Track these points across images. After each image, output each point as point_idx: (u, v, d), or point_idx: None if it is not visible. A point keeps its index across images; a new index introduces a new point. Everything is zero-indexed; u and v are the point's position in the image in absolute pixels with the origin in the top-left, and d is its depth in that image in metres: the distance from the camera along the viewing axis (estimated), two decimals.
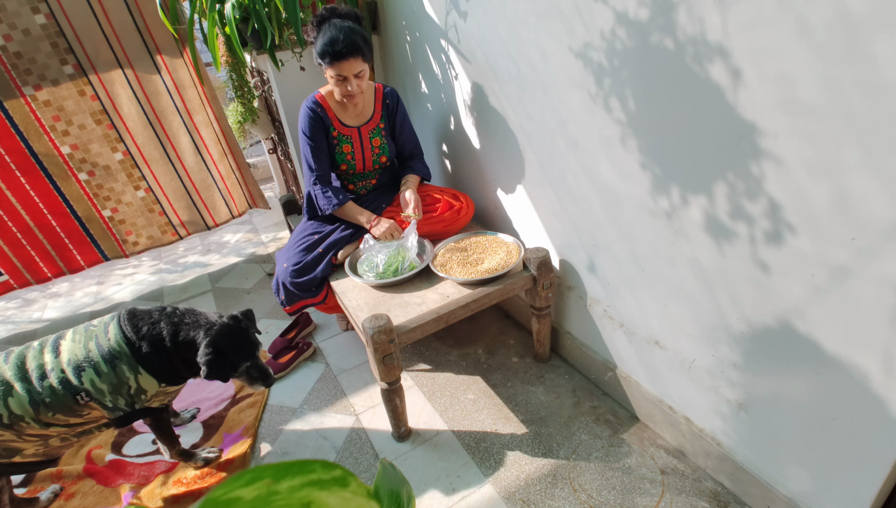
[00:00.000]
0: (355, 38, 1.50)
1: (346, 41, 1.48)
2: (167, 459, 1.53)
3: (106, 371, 1.23)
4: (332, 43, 1.49)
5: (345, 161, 1.77)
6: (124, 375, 1.25)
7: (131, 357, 1.26)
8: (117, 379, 1.25)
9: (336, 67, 1.52)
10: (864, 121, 0.77)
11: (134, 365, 1.26)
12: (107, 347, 1.25)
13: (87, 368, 1.23)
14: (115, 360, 1.24)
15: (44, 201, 2.27)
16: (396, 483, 0.43)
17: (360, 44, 1.51)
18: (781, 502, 1.14)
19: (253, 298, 2.50)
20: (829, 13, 0.76)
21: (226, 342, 1.30)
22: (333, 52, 1.49)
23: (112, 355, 1.25)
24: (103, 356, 1.24)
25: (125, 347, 1.26)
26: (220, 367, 1.29)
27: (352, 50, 1.49)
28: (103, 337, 1.27)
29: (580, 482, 1.36)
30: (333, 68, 1.53)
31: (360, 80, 1.58)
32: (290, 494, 0.32)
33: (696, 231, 1.12)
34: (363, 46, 1.52)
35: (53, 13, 2.02)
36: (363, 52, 1.53)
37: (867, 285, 0.84)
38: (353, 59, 1.52)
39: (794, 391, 1.05)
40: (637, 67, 1.10)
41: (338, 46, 1.48)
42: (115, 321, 1.30)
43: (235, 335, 1.33)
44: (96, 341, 1.26)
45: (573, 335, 1.72)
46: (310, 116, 1.69)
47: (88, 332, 1.29)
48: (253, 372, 1.37)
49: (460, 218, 1.76)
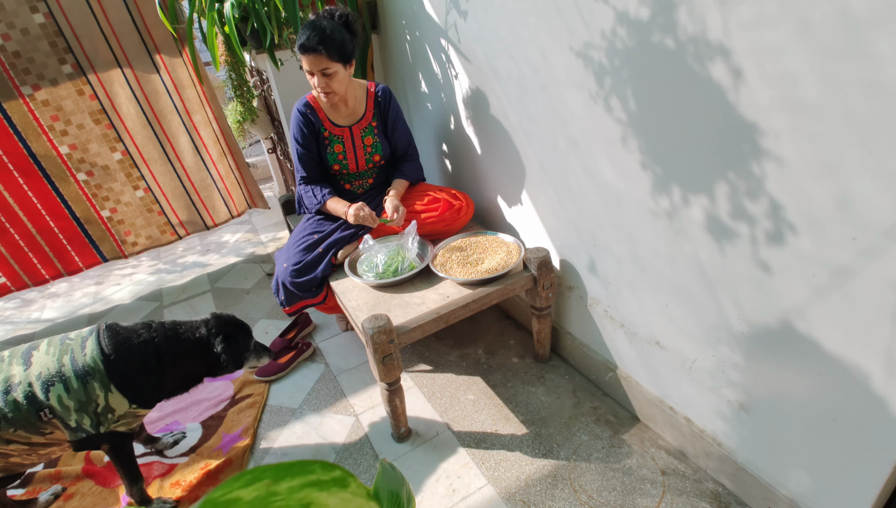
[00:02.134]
0: (324, 35, 1.49)
1: (313, 35, 1.49)
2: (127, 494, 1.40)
3: (76, 388, 1.19)
4: (302, 35, 1.51)
5: (337, 161, 1.77)
6: (94, 392, 1.20)
7: (105, 374, 1.21)
8: (86, 396, 1.20)
9: (304, 60, 1.54)
10: (865, 121, 0.76)
11: (106, 383, 1.21)
12: (81, 362, 1.21)
13: (57, 383, 1.18)
14: (87, 377, 1.20)
15: (42, 202, 2.26)
16: (396, 484, 0.43)
17: (328, 41, 1.49)
18: (782, 503, 1.14)
19: (252, 298, 2.49)
20: (830, 13, 0.75)
21: (232, 329, 1.39)
22: (300, 43, 1.51)
23: (85, 371, 1.20)
24: (76, 372, 1.19)
25: (100, 363, 1.21)
26: (236, 351, 1.38)
27: (314, 45, 1.49)
28: (79, 352, 1.22)
29: (580, 482, 1.35)
30: (303, 62, 1.55)
31: (329, 79, 1.56)
32: (289, 495, 0.31)
33: (697, 231, 1.11)
34: (329, 44, 1.50)
35: (52, 12, 2.01)
36: (328, 50, 1.50)
37: (868, 286, 0.84)
38: (316, 56, 1.51)
39: (795, 392, 1.04)
40: (638, 67, 1.10)
41: (303, 39, 1.50)
42: (94, 336, 1.26)
43: (233, 322, 1.42)
44: (71, 355, 1.22)
45: (573, 335, 1.72)
46: (300, 121, 1.71)
47: (64, 345, 1.24)
48: (258, 349, 1.49)
49: (460, 218, 1.76)
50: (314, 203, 1.78)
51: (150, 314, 2.50)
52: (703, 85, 0.98)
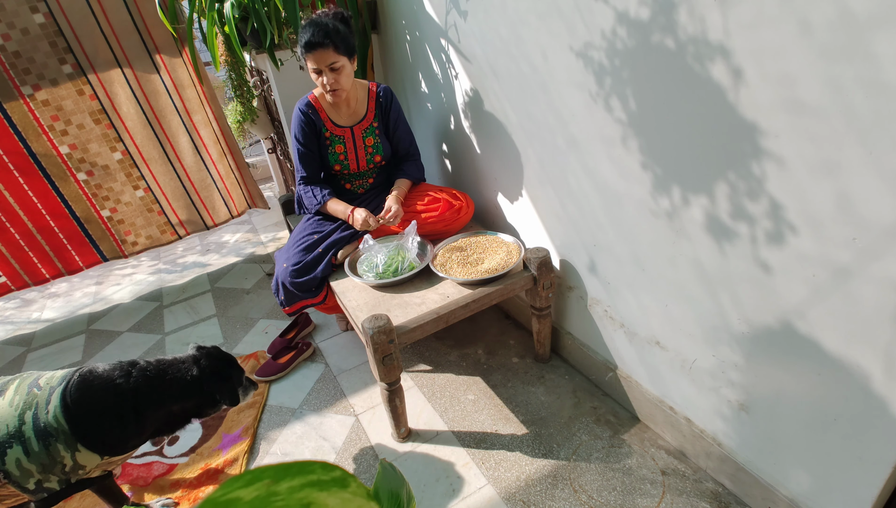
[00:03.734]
0: (328, 29, 1.51)
1: (316, 32, 1.50)
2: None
3: (37, 451, 1.06)
4: (305, 34, 1.51)
5: (338, 161, 1.78)
6: (58, 454, 1.08)
7: (70, 435, 1.08)
8: (49, 459, 1.07)
9: (310, 58, 1.54)
10: (865, 121, 0.76)
11: (72, 443, 1.09)
12: (43, 421, 1.07)
13: (15, 445, 1.05)
14: (48, 437, 1.07)
15: (42, 202, 2.26)
16: (396, 484, 0.43)
17: (332, 35, 1.52)
18: (782, 503, 1.14)
19: (252, 298, 2.49)
20: (830, 13, 0.75)
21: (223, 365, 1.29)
22: (306, 42, 1.52)
23: (47, 431, 1.07)
24: (37, 433, 1.06)
25: (63, 423, 1.08)
26: (233, 389, 1.30)
27: (321, 40, 1.50)
28: (43, 408, 1.09)
29: (580, 482, 1.35)
30: (309, 60, 1.55)
31: (337, 74, 1.57)
32: (289, 495, 0.31)
33: (697, 231, 1.11)
34: (335, 38, 1.52)
35: (52, 12, 2.01)
36: (335, 43, 1.52)
37: (869, 286, 0.84)
38: (324, 51, 1.52)
39: (795, 392, 1.04)
40: (638, 67, 1.10)
41: (309, 36, 1.50)
42: (60, 389, 1.12)
43: (223, 357, 1.32)
44: (34, 410, 1.08)
45: (574, 335, 1.72)
46: (302, 121, 1.71)
47: (30, 395, 1.11)
48: (247, 383, 1.38)
49: (460, 218, 1.76)
50: (314, 204, 1.78)
51: (150, 314, 2.50)
52: (703, 85, 0.98)
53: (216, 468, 1.54)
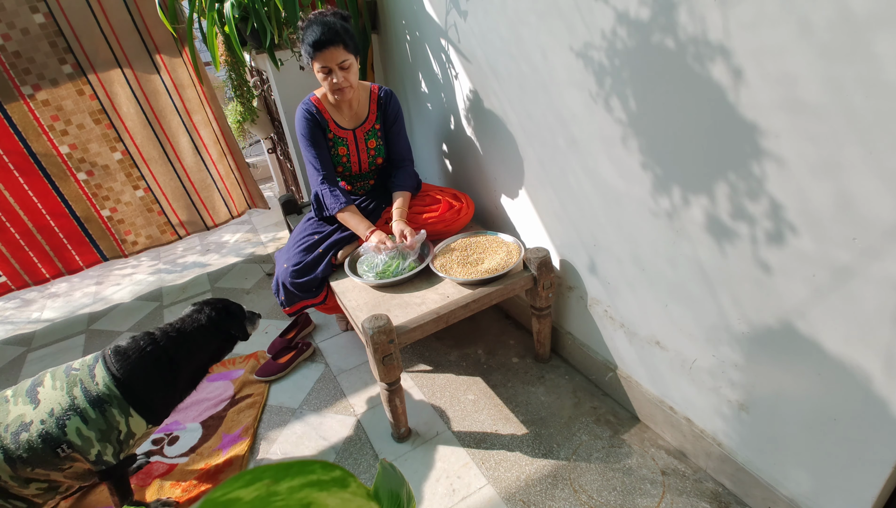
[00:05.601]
0: (336, 27, 1.50)
1: (325, 31, 1.49)
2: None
3: (94, 417, 1.17)
4: (312, 33, 1.50)
5: (340, 163, 1.77)
6: (114, 419, 1.19)
7: (122, 399, 1.20)
8: (107, 425, 1.18)
9: (319, 58, 1.53)
10: (865, 121, 0.76)
11: (125, 407, 1.21)
12: (95, 391, 1.19)
13: (73, 416, 1.15)
14: (104, 405, 1.18)
15: (42, 201, 2.26)
16: (396, 484, 0.43)
17: (341, 33, 1.51)
18: (782, 503, 1.14)
19: (252, 298, 2.49)
20: (830, 13, 0.75)
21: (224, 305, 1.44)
22: (314, 41, 1.50)
23: (101, 399, 1.18)
24: (91, 402, 1.17)
25: (115, 389, 1.20)
26: (241, 323, 1.46)
27: (332, 38, 1.49)
28: (89, 381, 1.20)
29: (581, 482, 1.35)
30: (317, 60, 1.54)
31: (346, 71, 1.57)
32: (289, 495, 0.31)
33: (697, 231, 1.11)
34: (344, 35, 1.52)
35: (52, 12, 2.01)
36: (344, 41, 1.52)
37: (869, 286, 0.84)
38: (334, 48, 1.51)
39: (795, 392, 1.04)
40: (638, 67, 1.10)
41: (317, 36, 1.49)
42: (101, 363, 1.23)
43: (218, 301, 1.45)
44: (81, 386, 1.19)
45: (574, 335, 1.72)
46: (306, 119, 1.68)
47: (71, 377, 1.21)
48: (252, 316, 1.53)
49: (460, 218, 1.76)
50: (338, 204, 1.68)
51: (150, 314, 2.50)
52: (703, 85, 0.98)
53: (216, 468, 1.54)
